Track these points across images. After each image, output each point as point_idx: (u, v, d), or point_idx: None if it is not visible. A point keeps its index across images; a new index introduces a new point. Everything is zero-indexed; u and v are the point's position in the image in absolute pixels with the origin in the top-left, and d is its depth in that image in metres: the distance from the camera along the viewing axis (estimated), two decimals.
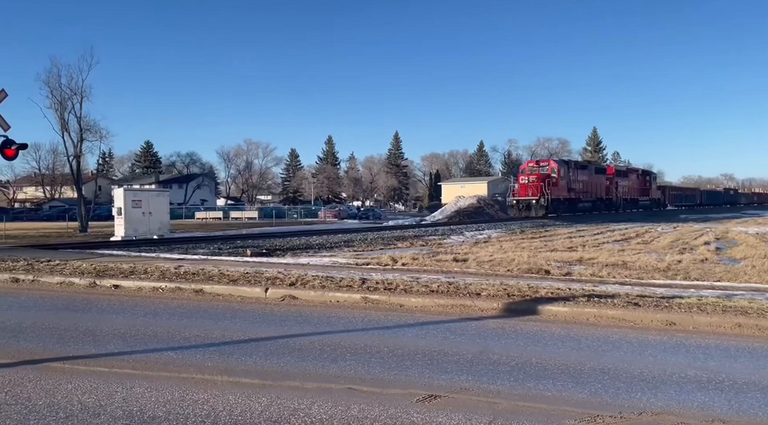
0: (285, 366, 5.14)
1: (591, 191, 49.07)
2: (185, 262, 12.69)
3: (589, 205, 48.79)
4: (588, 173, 49.49)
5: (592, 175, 49.95)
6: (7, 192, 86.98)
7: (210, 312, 7.84)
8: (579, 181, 47.10)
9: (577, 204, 46.47)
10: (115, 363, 5.26)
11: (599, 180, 50.97)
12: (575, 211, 45.97)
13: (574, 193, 46.04)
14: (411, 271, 11.19)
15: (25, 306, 8.31)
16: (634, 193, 57.96)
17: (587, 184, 48.48)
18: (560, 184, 43.70)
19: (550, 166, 44.39)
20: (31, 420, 3.88)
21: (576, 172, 47.11)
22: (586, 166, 51.18)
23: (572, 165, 48.18)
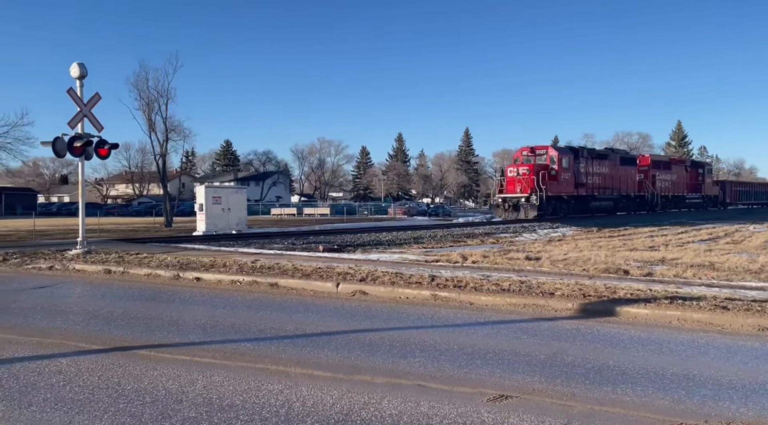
0: (355, 361, 5.21)
1: (613, 186, 39.73)
2: (261, 257, 13.13)
3: (609, 203, 39.47)
4: (609, 164, 39.68)
5: (616, 167, 40.27)
6: (101, 189, 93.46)
7: (284, 305, 8.07)
8: (594, 173, 37.98)
9: (588, 202, 37.22)
10: (196, 352, 5.52)
11: (627, 172, 41.45)
12: (587, 211, 36.89)
13: (585, 189, 36.74)
14: (481, 269, 11.04)
15: (116, 296, 8.88)
16: (680, 189, 47.51)
17: (607, 177, 39.21)
18: (562, 177, 34.39)
19: (548, 155, 34.47)
20: (121, 403, 4.14)
21: (589, 163, 37.59)
22: (606, 155, 40.49)
23: (583, 153, 37.75)
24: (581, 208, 36.50)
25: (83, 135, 13.37)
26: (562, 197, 34.75)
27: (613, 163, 40.13)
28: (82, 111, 13.39)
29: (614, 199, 39.98)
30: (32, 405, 4.09)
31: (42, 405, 4.08)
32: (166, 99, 32.82)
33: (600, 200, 38.44)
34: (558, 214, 34.20)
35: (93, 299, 8.85)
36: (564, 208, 35.04)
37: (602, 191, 38.66)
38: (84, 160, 13.67)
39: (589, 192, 37.24)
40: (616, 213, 39.65)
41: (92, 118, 13.59)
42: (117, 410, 3.99)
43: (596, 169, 38.32)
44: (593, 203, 37.77)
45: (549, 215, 33.21)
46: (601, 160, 39.01)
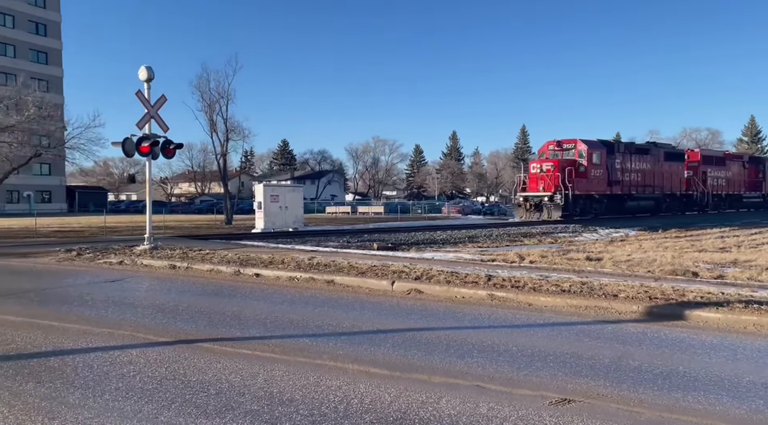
0: (412, 359, 5.20)
1: (655, 184, 35.95)
2: (317, 254, 13.32)
3: (650, 203, 35.71)
4: (651, 160, 35.72)
5: (659, 163, 36.26)
6: (165, 187, 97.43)
7: (340, 302, 8.15)
8: (633, 170, 34.36)
9: (624, 202, 33.85)
10: (257, 347, 5.65)
11: (672, 169, 37.37)
12: (623, 211, 33.52)
13: (620, 187, 33.34)
14: (539, 269, 10.80)
15: (181, 291, 9.22)
16: (736, 187, 42.97)
17: (648, 174, 35.35)
18: (592, 174, 31.19)
19: (577, 149, 31.14)
20: (187, 394, 4.28)
21: (627, 158, 33.98)
22: (647, 149, 36.28)
23: (619, 148, 34.14)
24: (616, 208, 33.27)
25: (150, 135, 13.96)
26: (592, 196, 31.60)
27: (656, 158, 36.30)
28: (150, 112, 13.98)
29: (656, 198, 36.31)
30: (105, 393, 4.29)
31: (114, 394, 4.27)
32: (226, 100, 33.82)
33: (638, 199, 34.89)
34: (587, 215, 31.32)
35: (159, 293, 9.22)
36: (595, 209, 32.07)
37: (642, 189, 35.05)
38: (151, 159, 14.27)
39: (625, 190, 33.78)
40: (659, 214, 36.02)
41: (159, 119, 14.16)
42: (183, 401, 4.13)
43: (635, 165, 34.69)
44: (630, 203, 34.28)
45: (576, 216, 30.41)
46: (641, 156, 35.28)
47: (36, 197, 59.08)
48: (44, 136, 38.30)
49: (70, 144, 37.03)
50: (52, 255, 13.30)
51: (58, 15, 63.46)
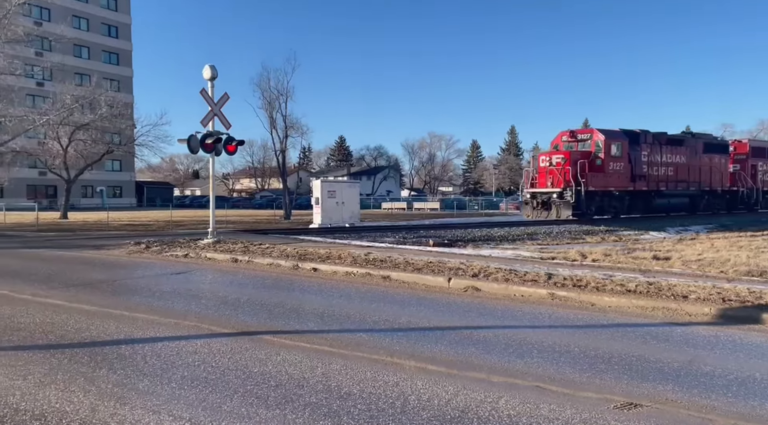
0: (470, 357, 5.13)
1: (691, 179, 31.35)
2: (373, 250, 13.39)
3: (683, 201, 31.39)
4: (686, 152, 31.18)
5: (696, 155, 31.62)
6: (227, 183, 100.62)
7: (396, 298, 8.16)
8: (663, 163, 30.02)
9: (652, 199, 29.62)
10: (315, 340, 5.73)
11: (714, 162, 32.70)
12: (650, 209, 29.52)
13: (646, 182, 29.07)
14: (602, 268, 10.44)
15: (242, 284, 9.49)
16: None
17: (682, 168, 30.85)
18: (611, 167, 27.32)
19: (593, 140, 27.36)
20: (249, 385, 4.39)
21: (656, 150, 29.69)
22: (680, 140, 31.78)
23: (646, 138, 29.48)
24: (641, 206, 29.38)
25: (214, 132, 14.41)
26: (611, 192, 27.87)
27: (692, 150, 31.69)
28: (213, 110, 14.43)
29: (692, 195, 31.81)
30: (172, 381, 4.46)
31: (180, 382, 4.44)
32: (285, 97, 34.48)
33: (669, 196, 30.58)
34: (604, 214, 27.86)
35: (222, 286, 9.52)
36: (615, 207, 28.28)
37: (673, 185, 30.71)
38: (214, 155, 14.74)
39: (652, 186, 29.54)
40: (696, 213, 31.93)
41: (222, 117, 14.60)
42: (245, 391, 4.24)
43: (666, 157, 30.32)
44: (659, 200, 30.03)
45: (591, 215, 26.96)
46: (674, 147, 30.87)
47: (108, 192, 62.29)
48: (115, 134, 40.36)
49: (139, 141, 38.86)
50: (123, 248, 13.98)
51: (129, 17, 66.52)
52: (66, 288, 8.66)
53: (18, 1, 25.55)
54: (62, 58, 47.53)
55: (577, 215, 26.12)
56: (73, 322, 6.35)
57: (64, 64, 47.36)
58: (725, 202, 34.07)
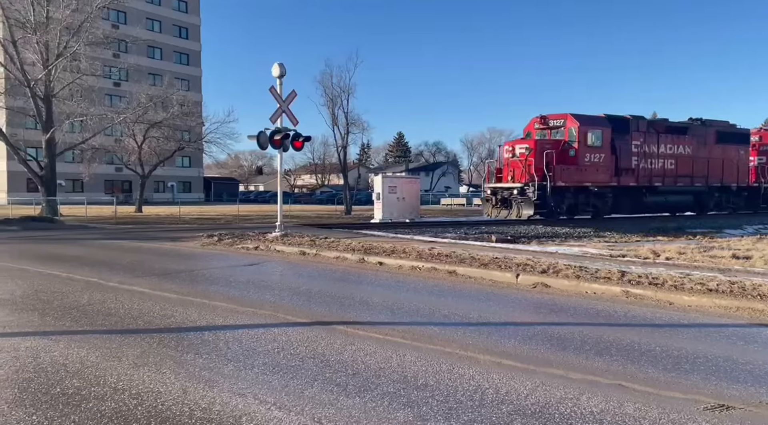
0: (546, 353, 5.07)
1: (696, 173, 27.07)
2: (437, 245, 13.38)
3: (685, 199, 27.26)
4: (692, 141, 26.91)
5: (705, 146, 27.31)
6: (289, 179, 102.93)
7: (464, 293, 8.14)
8: (660, 155, 25.83)
9: (642, 197, 25.53)
10: (387, 332, 5.81)
11: (728, 154, 28.07)
12: (640, 209, 25.58)
13: (636, 177, 25.10)
14: (678, 266, 10.02)
15: (312, 276, 9.72)
16: None
17: (686, 160, 26.55)
18: (587, 158, 23.31)
19: (566, 127, 23.54)
20: (327, 372, 4.52)
21: (650, 139, 25.58)
22: (683, 128, 27.29)
23: (638, 126, 25.43)
24: (629, 205, 25.30)
25: (282, 129, 14.79)
26: (587, 188, 23.80)
27: (700, 139, 27.28)
28: (281, 107, 14.81)
29: (698, 192, 27.51)
30: (254, 367, 4.64)
31: (262, 368, 4.61)
32: (347, 94, 34.93)
33: (665, 194, 26.24)
34: (580, 214, 24.02)
35: (293, 277, 9.79)
36: (594, 205, 24.25)
37: (672, 180, 26.41)
38: (282, 151, 15.13)
39: (643, 181, 25.43)
40: (706, 212, 27.73)
41: (289, 113, 14.97)
42: (324, 379, 4.37)
43: (665, 148, 26.08)
44: (652, 198, 25.80)
45: (560, 215, 23.21)
46: (675, 136, 26.55)
47: (178, 187, 65.07)
48: (186, 131, 42.07)
49: (207, 138, 40.34)
50: (196, 240, 14.60)
51: (198, 18, 69.08)
52: (149, 277, 9.15)
53: (99, 5, 27.05)
54: (137, 59, 49.99)
55: (541, 214, 22.63)
56: (158, 309, 6.72)
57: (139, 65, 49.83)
58: (743, 200, 29.41)
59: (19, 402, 3.85)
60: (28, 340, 5.37)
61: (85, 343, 5.28)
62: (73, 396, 3.93)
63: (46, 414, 3.62)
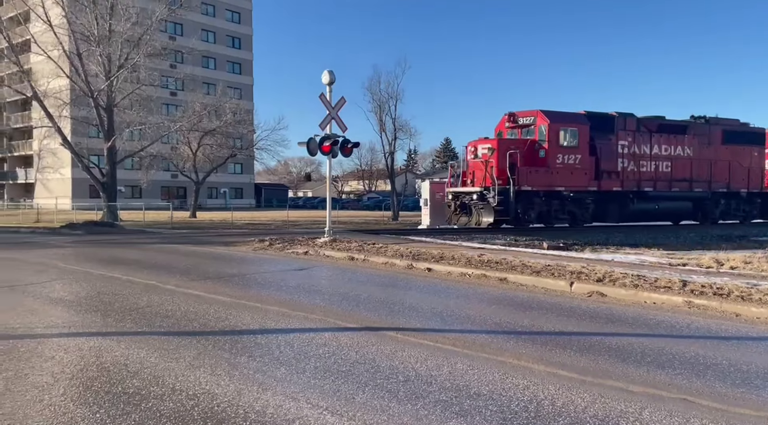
0: (604, 365, 4.89)
1: (699, 177, 24.35)
2: (486, 251, 13.19)
3: (682, 206, 24.45)
4: (693, 142, 24.27)
5: (709, 146, 24.58)
6: (336, 185, 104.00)
7: (516, 300, 7.98)
8: (652, 156, 23.30)
9: (627, 203, 23.02)
10: (437, 339, 5.75)
11: (741, 157, 25.20)
12: (626, 217, 23.08)
13: (622, 181, 22.70)
14: (744, 276, 9.52)
15: (360, 281, 9.75)
16: None
17: (683, 163, 23.96)
18: (559, 160, 20.96)
19: (537, 125, 21.40)
20: (378, 378, 4.50)
21: (640, 139, 23.09)
22: (682, 126, 24.58)
23: (625, 124, 23.01)
24: (615, 212, 22.82)
25: (331, 135, 14.95)
26: (560, 193, 21.38)
27: (702, 139, 24.46)
28: (331, 113, 14.98)
29: (697, 198, 24.56)
30: (306, 371, 4.67)
31: (314, 372, 4.64)
32: (395, 100, 35.06)
33: (657, 200, 23.55)
34: (552, 222, 21.65)
35: (342, 282, 9.85)
36: (571, 212, 21.91)
37: (666, 185, 23.74)
38: (331, 157, 15.28)
39: (630, 185, 22.88)
40: (710, 221, 24.93)
41: (338, 120, 15.12)
42: (375, 384, 4.35)
43: (658, 149, 23.43)
44: (640, 205, 23.14)
45: (528, 222, 20.97)
46: (671, 136, 23.89)
47: (230, 193, 66.78)
48: (238, 139, 43.22)
49: (258, 145, 41.32)
50: (248, 245, 14.91)
51: (250, 29, 70.92)
52: (203, 280, 9.39)
53: (158, 17, 28.17)
54: (192, 69, 51.73)
55: (504, 221, 20.52)
56: (213, 312, 6.87)
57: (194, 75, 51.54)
58: (757, 207, 26.33)
59: (84, 399, 4.00)
60: (91, 340, 5.60)
61: (144, 344, 5.46)
62: (134, 395, 4.05)
63: (109, 412, 3.75)
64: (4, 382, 4.35)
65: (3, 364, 4.80)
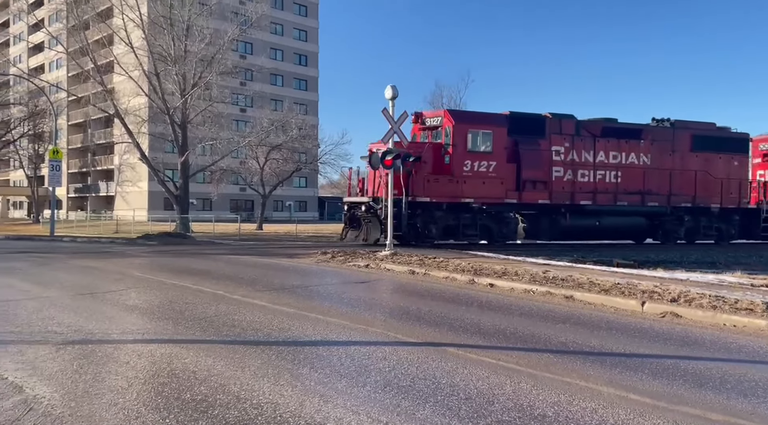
0: (679, 390, 4.62)
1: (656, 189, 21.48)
2: (551, 268, 12.83)
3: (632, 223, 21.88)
4: (647, 148, 21.40)
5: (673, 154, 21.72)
6: None
7: (582, 319, 7.70)
8: (597, 165, 20.55)
9: (561, 218, 20.46)
10: (500, 356, 5.62)
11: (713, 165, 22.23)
12: (557, 234, 20.63)
13: (551, 192, 20.02)
14: None
15: (421, 295, 9.70)
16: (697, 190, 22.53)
17: (635, 172, 21.15)
18: (466, 167, 18.55)
19: (443, 127, 18.95)
20: (438, 395, 4.44)
21: (580, 144, 20.42)
22: (636, 131, 21.66)
23: (560, 127, 20.26)
24: (544, 229, 20.50)
25: (393, 149, 15.06)
26: (469, 206, 18.82)
27: (663, 145, 21.52)
28: (393, 128, 15.10)
29: (652, 214, 21.76)
30: (366, 385, 4.68)
31: (374, 386, 4.63)
32: None
33: (598, 215, 20.85)
34: (459, 238, 19.19)
35: (402, 296, 9.84)
36: (484, 227, 19.37)
37: (611, 198, 20.88)
38: (393, 171, 15.37)
39: (561, 198, 20.12)
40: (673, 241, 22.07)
41: (401, 134, 15.22)
42: (436, 401, 4.29)
43: (604, 156, 20.58)
44: (574, 220, 20.52)
45: (431, 238, 18.59)
46: (622, 141, 21.02)
47: (295, 206, 68.44)
48: (303, 153, 44.28)
49: (322, 159, 42.21)
50: (311, 257, 15.20)
51: (316, 46, 72.94)
52: (268, 291, 9.63)
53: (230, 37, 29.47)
54: (261, 86, 53.61)
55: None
56: (277, 322, 7.02)
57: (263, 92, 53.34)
58: (735, 226, 23.04)
59: (155, 404, 4.16)
60: (163, 347, 5.84)
61: (212, 352, 5.64)
62: (201, 403, 4.18)
63: (177, 418, 3.88)
64: (83, 385, 4.61)
65: (83, 368, 5.08)
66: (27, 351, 5.62)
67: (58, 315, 7.43)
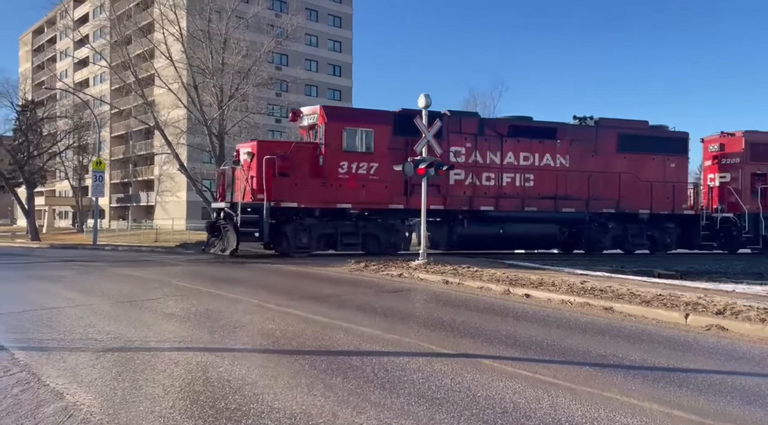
0: (726, 407, 4.42)
1: (570, 194, 19.94)
2: (589, 278, 12.54)
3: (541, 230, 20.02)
4: (563, 149, 19.82)
5: (595, 155, 20.17)
6: None
7: (623, 332, 7.47)
8: (501, 168, 19.16)
9: (455, 227, 18.81)
10: (537, 369, 5.48)
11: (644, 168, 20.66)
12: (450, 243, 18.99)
13: (446, 197, 18.49)
14: None
15: (455, 305, 9.58)
16: None
17: (548, 175, 19.70)
18: (342, 169, 17.18)
19: (318, 125, 17.48)
20: (474, 408, 4.35)
21: (485, 144, 18.89)
22: (551, 130, 20.10)
23: (460, 125, 18.64)
24: (440, 237, 18.75)
25: (426, 158, 15.01)
26: (348, 212, 17.35)
27: (583, 145, 19.90)
28: (426, 137, 15.05)
29: (567, 221, 20.07)
30: (400, 396, 4.62)
31: (408, 398, 4.58)
32: None
33: (502, 221, 19.11)
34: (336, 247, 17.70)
35: (436, 306, 9.75)
36: (369, 235, 17.83)
37: (518, 203, 19.17)
38: (426, 180, 15.31)
39: (460, 203, 18.59)
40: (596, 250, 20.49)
41: (434, 143, 15.15)
42: (471, 414, 4.21)
43: (513, 157, 19.01)
44: (474, 228, 18.84)
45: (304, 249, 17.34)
46: (533, 141, 19.39)
47: None
48: None
49: None
50: (345, 266, 15.21)
51: (350, 57, 73.62)
52: (302, 300, 9.67)
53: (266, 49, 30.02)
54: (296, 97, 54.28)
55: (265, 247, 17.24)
56: (310, 331, 7.03)
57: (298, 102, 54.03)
58: (672, 234, 21.39)
59: (190, 413, 4.20)
60: (199, 355, 5.91)
61: (246, 361, 5.67)
62: (235, 412, 4.20)
63: None
64: (122, 392, 4.69)
65: (121, 375, 5.18)
66: (68, 358, 5.76)
67: (99, 322, 7.61)
